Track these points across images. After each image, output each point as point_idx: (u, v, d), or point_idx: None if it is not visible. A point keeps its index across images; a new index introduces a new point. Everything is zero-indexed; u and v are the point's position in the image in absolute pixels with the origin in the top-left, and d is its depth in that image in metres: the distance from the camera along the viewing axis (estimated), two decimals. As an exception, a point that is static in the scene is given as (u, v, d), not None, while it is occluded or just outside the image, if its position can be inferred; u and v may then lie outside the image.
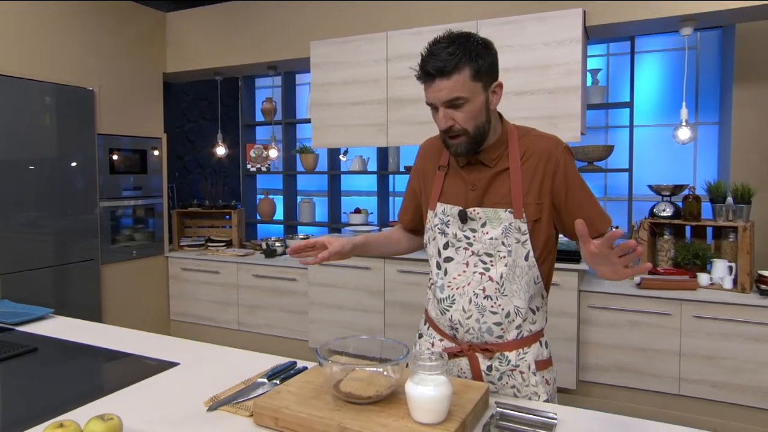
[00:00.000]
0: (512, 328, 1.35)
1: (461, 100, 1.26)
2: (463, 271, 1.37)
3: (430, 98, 1.30)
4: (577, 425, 1.14)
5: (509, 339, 1.35)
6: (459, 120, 1.28)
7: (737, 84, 3.53)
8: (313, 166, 4.99)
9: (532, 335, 1.37)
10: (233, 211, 4.49)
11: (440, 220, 1.40)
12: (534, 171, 1.33)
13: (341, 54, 3.54)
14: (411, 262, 3.35)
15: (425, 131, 3.35)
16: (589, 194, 1.37)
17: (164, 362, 1.53)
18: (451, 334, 1.41)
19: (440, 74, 1.25)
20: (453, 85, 1.24)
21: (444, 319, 1.41)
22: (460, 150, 1.32)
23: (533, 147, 1.35)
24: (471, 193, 1.37)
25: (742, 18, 2.92)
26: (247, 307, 4.00)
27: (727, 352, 2.74)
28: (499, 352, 1.35)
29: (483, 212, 1.34)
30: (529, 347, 1.36)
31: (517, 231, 1.32)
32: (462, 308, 1.36)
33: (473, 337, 1.37)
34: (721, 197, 2.94)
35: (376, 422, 1.05)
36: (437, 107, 1.30)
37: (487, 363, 1.36)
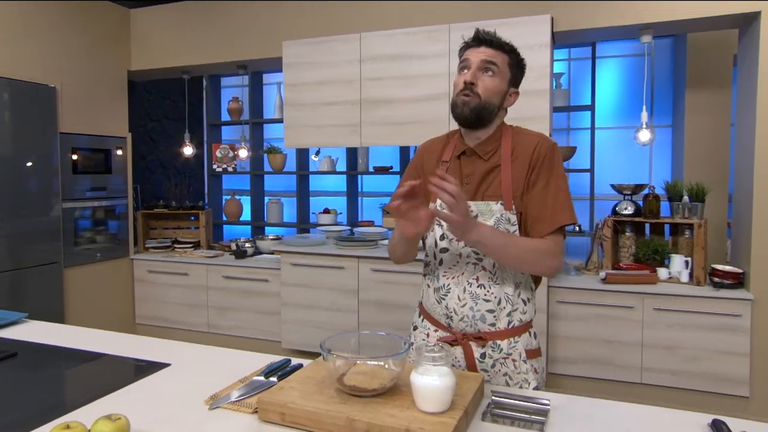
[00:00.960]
0: (503, 315, 1.41)
1: (493, 67, 1.40)
2: (457, 262, 1.44)
3: (470, 57, 1.42)
4: (570, 410, 1.20)
5: (501, 327, 1.42)
6: (481, 84, 1.39)
7: (689, 90, 3.74)
8: (281, 167, 4.96)
9: (523, 325, 1.44)
10: (201, 212, 4.42)
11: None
12: (522, 166, 1.41)
13: (314, 54, 3.55)
14: (385, 261, 3.40)
15: (399, 132, 3.43)
16: (555, 193, 1.39)
17: (155, 363, 1.52)
18: (445, 324, 1.47)
19: (489, 43, 1.42)
20: (493, 54, 1.41)
21: (440, 308, 1.46)
22: (466, 109, 1.40)
23: (522, 143, 1.43)
24: (465, 187, 1.43)
25: (696, 28, 3.11)
26: (217, 308, 3.95)
27: (684, 342, 2.91)
28: (492, 340, 1.42)
29: (475, 205, 1.41)
30: (520, 336, 1.43)
31: (507, 222, 1.39)
32: (457, 297, 1.43)
33: (467, 325, 1.43)
34: (678, 196, 3.12)
35: (383, 413, 1.09)
36: (469, 67, 1.41)
37: (480, 351, 1.42)
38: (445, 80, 3.27)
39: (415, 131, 3.36)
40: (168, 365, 1.50)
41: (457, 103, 1.42)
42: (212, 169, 5.11)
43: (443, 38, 3.24)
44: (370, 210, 4.98)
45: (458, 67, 1.47)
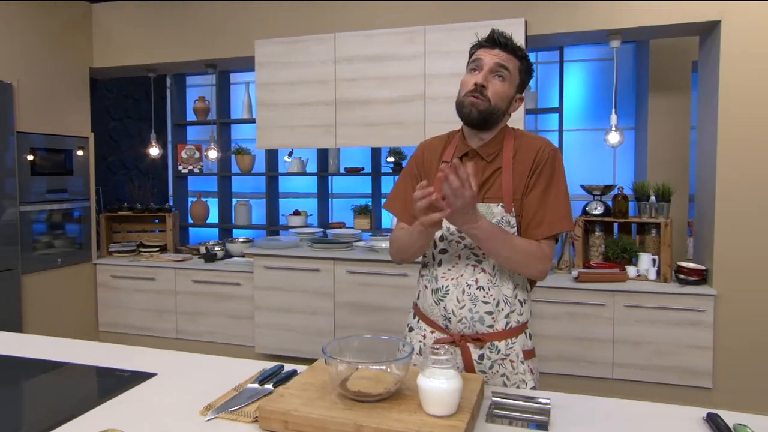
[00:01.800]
0: (501, 317, 1.42)
1: (505, 72, 1.39)
2: (456, 263, 1.44)
3: (483, 58, 1.40)
4: (569, 409, 1.22)
5: (499, 329, 1.42)
6: (491, 88, 1.39)
7: (652, 93, 3.89)
8: (249, 168, 4.87)
9: (519, 326, 1.45)
10: (168, 214, 4.28)
11: None
12: (523, 169, 1.41)
13: (288, 54, 3.50)
14: (361, 263, 3.38)
15: (375, 133, 3.42)
16: (555, 199, 1.41)
17: (139, 373, 1.45)
18: (443, 325, 1.46)
19: (504, 46, 1.40)
20: (506, 58, 1.40)
21: (438, 309, 1.45)
22: (474, 111, 1.39)
23: (525, 146, 1.44)
24: None
25: (661, 34, 3.23)
26: (187, 314, 3.84)
27: (652, 337, 3.02)
28: (490, 341, 1.42)
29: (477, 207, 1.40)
30: (517, 337, 1.45)
31: (507, 224, 1.40)
32: (456, 298, 1.42)
33: (465, 327, 1.42)
34: (646, 196, 3.22)
35: (390, 418, 1.07)
36: (481, 68, 1.40)
37: (478, 352, 1.42)
38: (421, 82, 3.28)
39: (392, 132, 3.36)
40: (154, 375, 1.45)
41: (464, 103, 1.40)
42: (177, 170, 4.96)
43: (419, 40, 3.25)
44: (340, 211, 4.95)
45: (468, 65, 1.46)
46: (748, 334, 2.94)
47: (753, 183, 2.88)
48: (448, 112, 3.23)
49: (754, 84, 2.82)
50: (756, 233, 2.90)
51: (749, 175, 2.88)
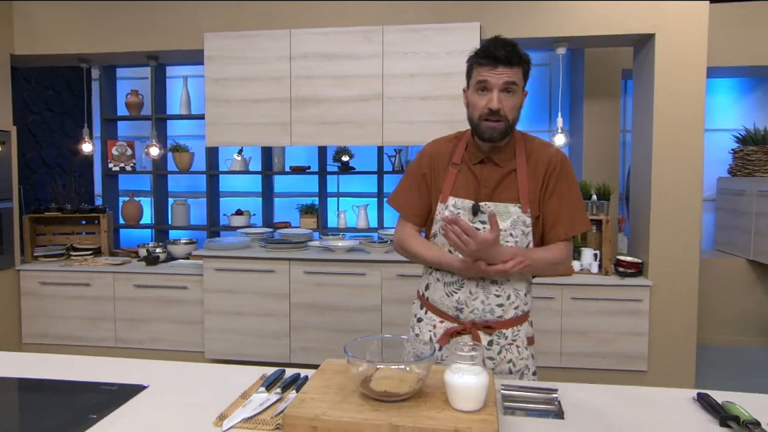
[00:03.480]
0: (511, 308, 1.51)
1: (514, 88, 1.42)
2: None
3: (491, 79, 1.41)
4: (572, 397, 1.29)
5: (507, 318, 1.50)
6: (506, 107, 1.42)
7: (587, 99, 4.15)
8: (188, 166, 4.66)
9: (524, 315, 1.55)
10: (102, 215, 4.00)
11: (450, 212, 1.51)
12: (537, 175, 1.49)
13: (240, 48, 3.38)
14: (318, 263, 3.34)
15: (331, 132, 3.39)
16: (569, 201, 1.50)
17: (128, 386, 1.36)
18: (454, 315, 1.53)
19: (506, 62, 1.39)
20: (513, 73, 1.41)
21: (450, 301, 1.52)
22: (495, 134, 1.44)
23: (537, 153, 1.52)
24: (483, 190, 1.49)
25: (602, 44, 3.46)
26: (127, 321, 3.61)
27: (596, 327, 3.23)
28: (499, 329, 1.50)
29: (494, 206, 1.48)
30: (522, 325, 1.54)
31: (522, 224, 1.48)
32: (469, 291, 1.49)
33: (476, 317, 1.50)
34: (588, 195, 3.44)
35: (422, 416, 1.08)
36: (491, 89, 1.41)
37: (488, 338, 1.50)
38: (379, 81, 3.29)
39: (348, 131, 3.35)
40: (145, 387, 1.36)
41: (482, 128, 1.45)
42: (108, 168, 4.64)
43: (377, 39, 3.26)
44: (285, 210, 4.85)
45: (474, 84, 1.46)
46: (678, 321, 3.23)
47: (683, 183, 3.16)
48: (406, 112, 3.28)
49: (686, 92, 3.10)
50: (685, 229, 3.19)
51: (680, 176, 3.16)
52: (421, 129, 3.25)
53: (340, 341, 3.34)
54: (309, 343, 3.37)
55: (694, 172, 3.14)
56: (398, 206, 1.64)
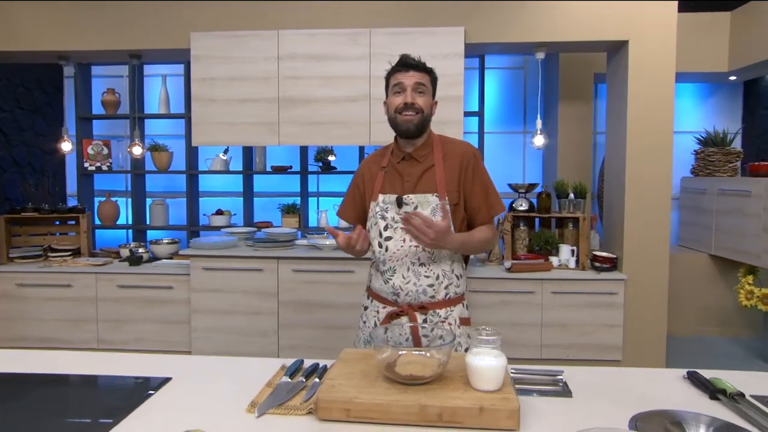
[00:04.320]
0: (441, 288, 1.71)
1: (423, 88, 1.70)
2: (401, 246, 1.70)
3: (405, 81, 1.69)
4: (573, 379, 1.40)
5: (439, 299, 1.71)
6: (419, 101, 1.69)
7: (561, 101, 4.32)
8: (167, 165, 4.62)
9: (457, 297, 1.75)
10: (81, 215, 3.93)
11: (381, 208, 1.74)
12: (453, 167, 1.72)
13: (227, 48, 3.39)
14: (307, 261, 3.39)
15: (319, 132, 3.44)
16: (486, 189, 1.74)
17: (153, 378, 1.40)
18: (392, 300, 1.73)
19: (416, 68, 1.70)
20: (422, 77, 1.70)
21: (387, 287, 1.72)
22: (411, 126, 1.69)
23: (452, 150, 1.76)
24: (406, 184, 1.73)
25: (578, 49, 3.62)
26: (110, 322, 3.57)
27: (574, 319, 3.38)
28: (432, 309, 1.70)
29: (415, 198, 1.71)
30: (455, 306, 1.74)
31: (441, 210, 1.68)
32: (402, 275, 1.70)
33: (411, 299, 1.70)
34: (565, 193, 3.60)
35: (447, 396, 1.17)
36: (405, 89, 1.68)
37: (422, 317, 1.69)
38: (366, 83, 3.36)
39: (336, 131, 3.40)
40: (170, 379, 1.40)
41: (398, 121, 1.70)
42: (83, 167, 4.56)
43: (364, 42, 3.33)
44: (265, 210, 4.87)
45: (391, 89, 1.73)
46: (649, 313, 3.41)
47: (655, 183, 3.35)
48: (392, 113, 3.36)
49: (657, 96, 3.28)
50: (656, 226, 3.37)
51: (652, 176, 3.34)
52: (408, 130, 3.34)
53: (328, 338, 3.40)
54: (297, 340, 3.41)
55: (664, 172, 3.34)
56: (341, 215, 1.95)
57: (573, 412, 1.21)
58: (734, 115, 4.97)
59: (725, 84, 4.87)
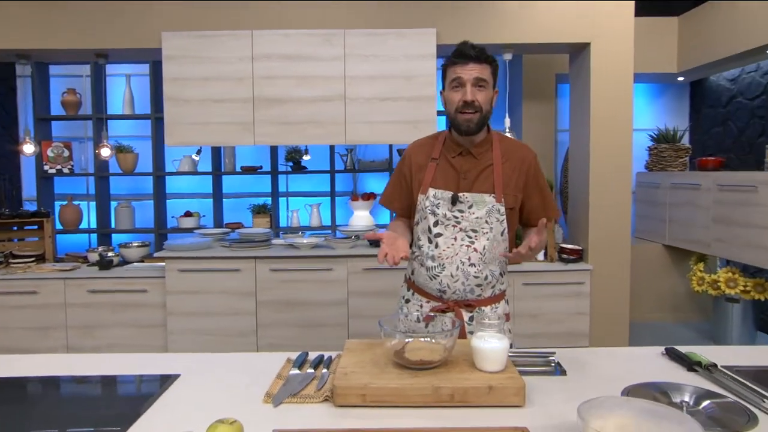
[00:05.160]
0: (488, 287, 1.70)
1: (485, 83, 1.61)
2: (451, 244, 1.66)
3: (464, 75, 1.59)
4: (565, 358, 1.50)
5: (485, 296, 1.70)
6: (480, 99, 1.60)
7: (525, 101, 4.49)
8: (132, 167, 4.52)
9: (501, 293, 1.76)
10: (45, 220, 3.80)
11: (431, 202, 1.68)
12: (512, 170, 1.69)
13: (200, 48, 3.36)
14: (285, 260, 3.41)
15: (294, 131, 3.47)
16: (543, 194, 1.74)
17: (162, 376, 1.42)
18: (438, 296, 1.70)
19: (476, 59, 1.59)
20: (482, 70, 1.60)
21: (434, 284, 1.68)
22: (471, 125, 1.62)
23: (513, 152, 1.72)
24: (462, 182, 1.67)
25: (543, 51, 3.77)
26: (80, 328, 3.48)
27: (544, 309, 3.54)
28: (478, 307, 1.69)
29: (471, 197, 1.66)
30: (499, 303, 1.74)
31: (497, 212, 1.66)
32: (450, 274, 1.66)
33: (458, 297, 1.68)
34: (533, 189, 3.75)
35: (456, 378, 1.24)
36: (464, 84, 1.59)
37: (469, 315, 1.69)
38: (341, 83, 3.40)
39: (312, 131, 3.43)
40: (178, 375, 1.42)
41: (459, 120, 1.63)
42: (43, 170, 4.41)
43: (338, 42, 3.37)
44: (234, 211, 4.83)
45: (449, 83, 1.65)
46: (613, 300, 3.61)
47: (616, 178, 3.54)
48: (367, 113, 3.42)
49: (617, 96, 3.48)
50: (618, 219, 3.58)
51: (614, 172, 3.54)
52: (382, 129, 3.41)
53: (307, 336, 3.43)
54: (276, 339, 3.42)
55: (624, 167, 3.54)
56: (385, 203, 1.88)
57: (570, 389, 1.31)
58: (682, 113, 5.28)
59: (674, 84, 5.17)
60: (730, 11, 3.98)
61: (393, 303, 3.39)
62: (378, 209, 4.61)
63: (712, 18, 4.18)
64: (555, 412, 1.18)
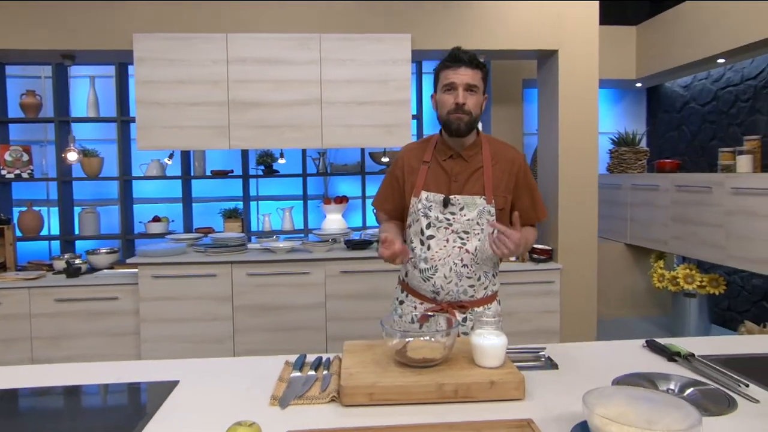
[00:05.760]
0: (481, 288, 1.75)
1: (475, 89, 1.67)
2: (443, 246, 1.70)
3: (455, 80, 1.65)
4: (553, 353, 1.57)
5: (478, 297, 1.75)
6: (470, 103, 1.67)
7: (493, 105, 4.61)
8: (97, 171, 4.39)
9: (493, 294, 1.80)
10: (6, 227, 3.65)
11: (423, 205, 1.72)
12: (502, 172, 1.74)
13: (173, 51, 3.30)
14: (261, 264, 3.38)
15: (271, 135, 3.46)
16: (532, 194, 1.80)
17: (160, 383, 1.40)
18: (431, 297, 1.74)
19: (468, 64, 1.65)
20: (474, 75, 1.66)
21: (427, 285, 1.72)
22: (462, 126, 1.67)
23: (502, 154, 1.77)
24: (453, 184, 1.72)
25: (513, 57, 3.88)
26: (47, 339, 3.35)
27: (518, 308, 3.64)
28: (471, 308, 1.74)
29: (462, 199, 1.70)
30: (491, 303, 1.79)
31: (488, 214, 1.71)
32: (443, 275, 1.70)
33: (451, 298, 1.73)
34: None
35: (458, 374, 1.29)
36: (456, 88, 1.65)
37: (462, 315, 1.73)
38: (317, 86, 3.42)
39: (289, 135, 3.43)
40: (177, 382, 1.41)
41: (451, 121, 1.68)
42: (0, 175, 4.22)
43: (314, 46, 3.38)
44: (204, 215, 4.75)
45: (440, 86, 1.70)
46: (582, 298, 3.75)
47: (583, 179, 3.69)
48: (344, 116, 3.45)
49: (583, 100, 3.62)
50: (585, 219, 3.72)
51: (581, 173, 3.68)
52: (359, 132, 3.44)
53: (284, 340, 3.42)
54: (253, 345, 3.40)
55: (591, 169, 3.68)
56: (377, 205, 1.92)
57: (564, 381, 1.37)
58: (639, 117, 5.53)
59: (632, 90, 5.41)
60: (684, 22, 4.21)
61: (371, 305, 3.44)
62: (350, 212, 4.63)
63: (668, 28, 4.40)
64: (553, 403, 1.24)
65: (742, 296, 4.35)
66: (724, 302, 4.53)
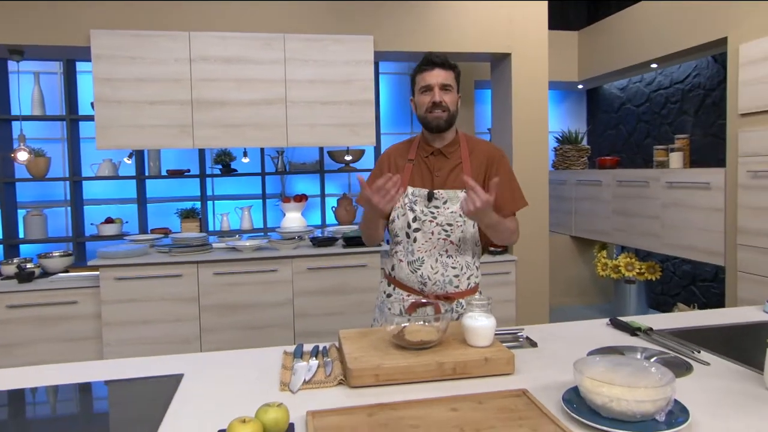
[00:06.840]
0: (465, 278, 1.86)
1: (450, 88, 1.81)
2: (429, 239, 1.81)
3: (431, 81, 1.79)
4: (530, 333, 1.72)
5: (462, 288, 1.86)
6: (446, 100, 1.80)
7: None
8: (44, 172, 4.21)
9: (476, 286, 1.92)
10: (-51, 230, 3.45)
11: (409, 200, 1.83)
12: (479, 165, 1.87)
13: (133, 48, 3.24)
14: (228, 263, 3.38)
15: (235, 134, 3.47)
16: (510, 184, 1.90)
17: (168, 376, 1.44)
18: (419, 289, 1.84)
19: (441, 66, 1.80)
20: (447, 75, 1.80)
21: (415, 277, 1.83)
22: (441, 121, 1.80)
23: (479, 149, 1.90)
24: (436, 179, 1.84)
25: (470, 59, 4.06)
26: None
27: (476, 298, 3.82)
28: (456, 299, 1.85)
29: (446, 193, 1.82)
30: (475, 294, 1.90)
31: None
32: (430, 266, 1.82)
33: (438, 288, 1.83)
34: (462, 188, 4.03)
35: (454, 354, 1.40)
36: (432, 88, 1.78)
37: (447, 307, 1.82)
38: (282, 86, 3.45)
39: (253, 133, 3.44)
40: (182, 375, 1.45)
41: (429, 119, 1.81)
42: (-65, 176, 3.97)
43: (278, 46, 3.41)
44: (159, 216, 4.65)
45: (418, 89, 1.83)
46: (536, 287, 3.99)
47: (536, 175, 3.92)
48: (308, 116, 3.51)
49: (535, 101, 3.85)
50: (538, 213, 3.96)
51: (534, 170, 3.91)
52: (323, 131, 3.51)
53: (252, 338, 3.44)
54: (221, 344, 3.39)
55: (542, 166, 3.92)
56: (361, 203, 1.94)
57: (545, 356, 1.52)
58: (580, 117, 5.89)
59: (574, 91, 5.76)
60: (621, 30, 4.54)
61: (338, 301, 3.52)
62: (309, 211, 4.68)
63: (607, 35, 4.73)
64: (540, 375, 1.38)
65: (673, 281, 4.75)
66: (658, 287, 4.92)
